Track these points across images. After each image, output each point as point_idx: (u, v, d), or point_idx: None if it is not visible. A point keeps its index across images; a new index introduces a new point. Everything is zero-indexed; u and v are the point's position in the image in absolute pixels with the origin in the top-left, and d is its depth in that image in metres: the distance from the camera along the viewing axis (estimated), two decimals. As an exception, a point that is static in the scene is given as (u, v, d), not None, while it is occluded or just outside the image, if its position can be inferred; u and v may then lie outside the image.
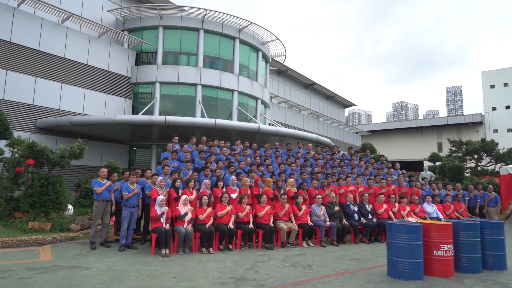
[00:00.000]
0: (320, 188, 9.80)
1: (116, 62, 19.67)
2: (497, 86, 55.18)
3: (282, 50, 26.30)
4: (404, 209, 10.04)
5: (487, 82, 56.13)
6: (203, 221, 7.57)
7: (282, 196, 8.53)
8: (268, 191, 8.82)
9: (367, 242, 8.99)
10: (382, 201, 9.80)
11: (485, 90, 56.32)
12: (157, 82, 20.09)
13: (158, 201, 7.33)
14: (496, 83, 55.21)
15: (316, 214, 8.82)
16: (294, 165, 10.64)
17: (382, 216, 9.54)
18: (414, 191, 10.79)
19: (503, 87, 54.84)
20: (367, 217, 9.31)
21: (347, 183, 10.30)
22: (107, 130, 16.73)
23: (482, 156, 24.18)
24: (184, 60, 20.78)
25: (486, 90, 56.12)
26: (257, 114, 23.24)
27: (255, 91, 22.93)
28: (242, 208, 8.09)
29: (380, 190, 10.38)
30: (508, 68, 55.14)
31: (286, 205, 8.51)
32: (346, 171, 11.33)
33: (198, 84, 20.40)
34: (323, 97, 42.60)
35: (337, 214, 9.03)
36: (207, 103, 20.65)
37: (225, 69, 21.54)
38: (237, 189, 8.64)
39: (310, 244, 8.41)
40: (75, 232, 8.49)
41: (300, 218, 8.58)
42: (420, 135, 58.12)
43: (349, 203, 9.39)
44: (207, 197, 7.80)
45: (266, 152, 11.40)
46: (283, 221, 8.40)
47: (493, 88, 55.39)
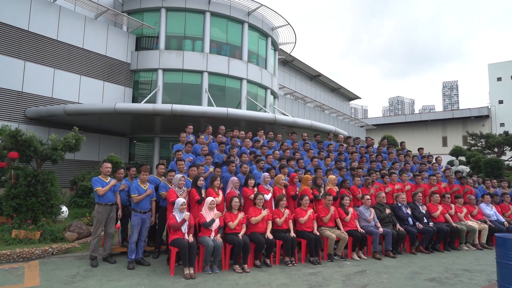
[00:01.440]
0: (363, 186, 8.25)
1: (115, 46, 17.89)
2: (504, 79, 53.83)
3: (291, 37, 24.61)
4: (460, 211, 8.51)
5: (493, 75, 54.74)
6: (234, 230, 5.98)
7: (327, 197, 6.94)
8: (307, 191, 7.23)
9: (425, 252, 7.45)
10: (437, 202, 8.26)
11: (491, 83, 54.96)
12: (160, 69, 18.37)
13: (177, 205, 5.72)
14: (503, 75, 53.85)
15: (365, 219, 7.25)
16: (329, 159, 9.05)
17: (438, 220, 8.01)
18: (467, 189, 9.27)
19: (510, 80, 53.49)
20: (422, 221, 7.77)
21: (392, 181, 8.75)
22: (106, 121, 15.02)
23: (505, 150, 22.75)
24: (189, 45, 19.05)
25: (492, 83, 54.76)
26: (266, 104, 21.61)
27: (264, 80, 21.27)
28: (279, 212, 6.49)
29: (430, 189, 8.85)
30: (515, 61, 53.76)
31: (331, 207, 6.93)
32: (387, 166, 9.77)
33: (205, 71, 18.71)
34: (328, 89, 41.00)
35: (389, 218, 7.47)
36: (214, 92, 18.96)
37: (233, 55, 19.83)
38: (270, 188, 7.05)
39: (362, 256, 6.85)
40: (70, 242, 6.85)
41: (348, 224, 7.01)
42: (425, 129, 56.79)
43: (401, 204, 7.83)
44: (237, 199, 6.19)
45: (294, 145, 9.79)
46: (328, 227, 6.83)
47: (500, 81, 54.04)
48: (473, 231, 8.01)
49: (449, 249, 7.75)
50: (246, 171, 7.46)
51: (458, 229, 7.83)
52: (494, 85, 54.59)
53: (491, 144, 22.17)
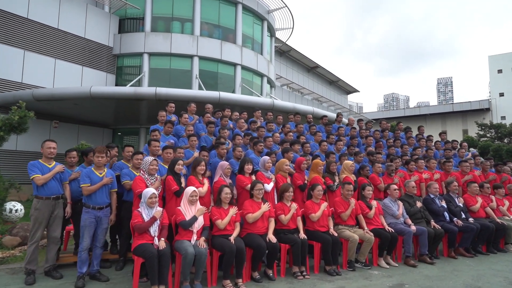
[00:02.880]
0: (384, 175, 6.70)
1: (95, 28, 16.15)
2: (504, 71, 52.65)
3: (288, 22, 23.00)
4: (502, 203, 6.99)
5: (494, 67, 53.56)
6: (224, 231, 4.39)
7: (346, 186, 5.37)
8: (319, 179, 5.66)
9: (467, 255, 5.90)
10: (475, 193, 6.72)
11: (492, 75, 53.78)
12: (145, 53, 16.67)
13: (145, 198, 4.13)
14: (504, 67, 52.66)
15: (392, 214, 5.69)
16: (340, 144, 7.47)
17: (478, 215, 6.48)
18: (505, 178, 7.75)
19: (511, 72, 52.33)
20: (460, 216, 6.23)
21: (419, 168, 7.20)
22: (83, 108, 13.33)
23: (516, 140, 21.34)
24: (177, 27, 17.36)
25: (493, 75, 53.58)
26: (263, 93, 20.00)
27: (260, 66, 19.65)
28: (285, 207, 4.91)
29: (462, 177, 7.32)
30: (516, 52, 52.59)
31: (352, 200, 5.36)
32: (408, 152, 8.22)
33: (195, 56, 17.03)
34: (326, 81, 39.50)
35: (421, 213, 5.92)
36: (206, 78, 17.30)
37: (226, 39, 18.17)
38: (272, 176, 5.47)
39: (392, 263, 5.28)
40: (9, 250, 5.21)
41: (372, 221, 5.44)
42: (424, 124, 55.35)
43: (433, 196, 6.27)
44: (229, 189, 4.60)
45: (299, 127, 8.21)
46: (347, 226, 5.26)
47: (501, 73, 52.86)
48: (524, 229, 6.50)
49: (495, 251, 6.22)
50: (240, 155, 5.86)
51: (505, 226, 6.31)
52: (495, 77, 53.40)
53: (503, 134, 20.75)
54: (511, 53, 52.96)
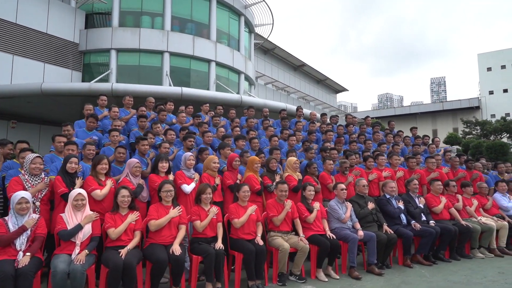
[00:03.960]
0: (339, 173, 5.97)
1: (59, 23, 15.32)
2: (494, 69, 52.39)
3: (268, 18, 22.30)
4: (470, 203, 6.29)
5: (483, 65, 53.29)
6: (116, 242, 3.63)
7: (280, 186, 4.63)
8: (253, 178, 4.92)
9: (425, 263, 5.18)
10: (439, 192, 6.01)
11: (481, 73, 53.52)
12: (113, 49, 15.89)
13: (13, 203, 3.36)
14: (493, 65, 52.40)
15: (338, 217, 4.96)
16: (293, 139, 6.73)
17: (442, 216, 5.78)
18: (476, 175, 7.06)
19: (500, 70, 52.10)
20: (420, 218, 5.53)
21: (379, 165, 6.49)
22: (42, 107, 12.51)
23: (502, 137, 20.81)
24: (147, 22, 16.59)
25: (482, 73, 53.32)
26: (240, 90, 19.26)
27: (237, 63, 18.92)
28: (202, 211, 4.16)
29: (429, 175, 6.62)
30: (505, 50, 52.39)
31: (287, 202, 4.62)
32: (372, 149, 7.52)
33: (165, 52, 16.28)
34: (313, 80, 38.86)
35: (373, 215, 5.19)
36: (177, 75, 16.55)
37: (199, 34, 17.44)
38: (195, 176, 4.72)
39: (333, 275, 4.55)
40: None
41: (312, 226, 4.71)
42: (414, 122, 54.99)
43: (389, 196, 5.56)
44: (126, 192, 3.83)
45: (250, 122, 7.47)
46: (281, 232, 4.51)
47: (490, 71, 52.60)
48: (490, 231, 5.79)
49: (458, 258, 5.51)
50: (166, 152, 5.12)
51: (470, 229, 5.60)
52: (484, 75, 53.15)
53: (488, 131, 20.19)
54: (500, 51, 52.73)
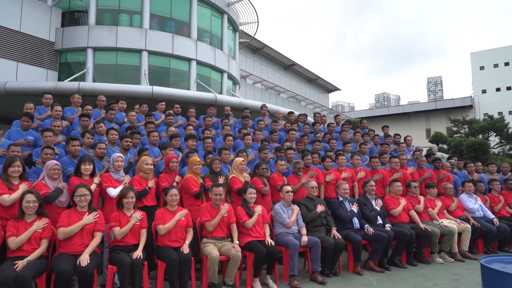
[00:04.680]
0: (293, 173, 5.66)
1: (33, 21, 14.93)
2: (486, 68, 52.26)
3: (252, 16, 21.99)
4: (433, 205, 5.99)
5: (476, 64, 53.14)
6: (18, 252, 3.30)
7: (215, 189, 4.30)
8: (191, 181, 4.60)
9: (377, 270, 4.87)
10: (398, 193, 5.70)
11: (474, 72, 53.36)
12: (89, 48, 15.50)
13: None
14: (485, 64, 52.27)
15: (282, 222, 4.64)
16: (248, 139, 6.40)
17: (400, 220, 5.47)
18: (443, 175, 6.76)
19: (493, 69, 51.96)
20: (375, 222, 5.22)
21: (339, 166, 6.18)
22: (4, 107, 12.11)
23: (490, 136, 20.58)
24: (125, 20, 16.23)
25: (475, 72, 53.16)
26: (223, 90, 18.92)
27: (219, 62, 18.58)
28: (123, 216, 3.83)
29: (392, 175, 6.31)
30: (498, 49, 52.31)
31: (223, 206, 4.29)
32: (336, 148, 7.20)
33: (143, 50, 15.92)
34: (304, 80, 38.59)
35: (321, 219, 4.88)
36: (156, 74, 16.22)
37: (179, 32, 17.09)
38: (124, 178, 4.39)
39: (270, 284, 4.22)
40: None
41: (251, 232, 4.38)
42: (408, 122, 54.92)
43: (343, 198, 5.24)
44: (32, 197, 3.50)
45: (207, 121, 7.13)
46: (214, 239, 4.19)
47: (483, 70, 52.46)
48: (450, 235, 5.49)
49: (415, 263, 5.20)
50: (102, 153, 4.78)
51: (428, 233, 5.29)
52: (477, 74, 53.00)
53: (475, 130, 19.95)
54: (493, 50, 52.61)
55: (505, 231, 6.00)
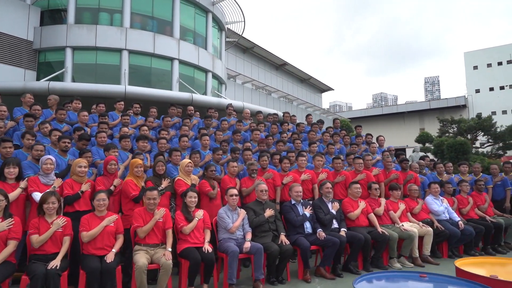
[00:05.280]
0: (248, 176, 5.42)
1: (10, 20, 14.64)
2: (480, 67, 52.22)
3: (239, 15, 21.75)
4: (395, 207, 5.76)
5: (470, 63, 53.10)
6: None
7: (148, 193, 4.05)
8: (129, 184, 4.36)
9: (327, 277, 4.63)
10: (357, 196, 5.47)
11: (467, 71, 53.32)
12: (68, 47, 15.21)
13: None
14: (479, 64, 52.22)
15: (225, 227, 4.40)
16: (206, 139, 6.14)
17: (358, 223, 5.24)
18: (410, 176, 6.54)
19: (487, 68, 51.94)
20: (329, 226, 4.99)
21: (299, 167, 5.95)
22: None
23: (477, 135, 20.41)
24: (105, 19, 15.94)
25: (469, 71, 53.13)
26: (207, 90, 18.66)
27: (203, 61, 18.32)
28: (44, 223, 3.59)
29: (355, 177, 6.08)
30: (491, 48, 52.29)
31: (158, 211, 4.05)
32: (301, 148, 6.97)
33: (124, 50, 15.64)
34: (297, 79, 38.39)
35: (270, 224, 4.64)
36: (137, 74, 15.95)
37: (161, 31, 16.82)
38: (55, 182, 4.14)
39: (206, 294, 3.99)
40: None
41: (189, 238, 4.13)
42: (402, 121, 54.89)
43: (295, 201, 5.00)
44: None
45: (166, 121, 6.84)
46: (147, 246, 3.94)
47: (476, 69, 52.42)
48: (410, 239, 5.26)
49: (371, 269, 4.97)
50: (38, 155, 4.53)
51: (385, 237, 5.06)
52: (471, 74, 52.96)
53: (463, 130, 19.77)
54: (486, 50, 52.57)
55: (470, 234, 5.78)
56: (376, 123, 54.27)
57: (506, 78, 49.95)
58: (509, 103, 48.55)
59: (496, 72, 50.85)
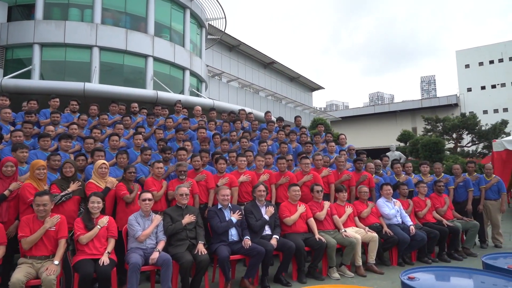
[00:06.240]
0: (175, 178, 4.97)
1: (-26, 16, 14.14)
2: (472, 66, 52.00)
3: (219, 12, 21.27)
4: (341, 211, 5.33)
5: (461, 62, 52.86)
6: None
7: (38, 198, 3.59)
8: (26, 188, 3.90)
9: (253, 290, 4.20)
10: (296, 199, 5.04)
11: (459, 70, 53.08)
12: (36, 44, 14.70)
13: None
14: (471, 62, 52.00)
15: (133, 235, 3.96)
16: (138, 138, 5.66)
17: (295, 229, 4.81)
18: (364, 177, 6.11)
19: (478, 67, 51.72)
20: (260, 233, 4.56)
21: (239, 168, 5.50)
22: None
23: (463, 134, 20.06)
24: (75, 15, 15.43)
25: (460, 70, 52.88)
26: (184, 88, 18.19)
27: (180, 58, 17.82)
28: None
29: (301, 178, 5.64)
30: (483, 47, 52.07)
31: (48, 219, 3.60)
32: (251, 148, 6.52)
33: (94, 46, 15.12)
34: (286, 78, 37.97)
35: (188, 232, 4.19)
36: (109, 71, 15.46)
37: (135, 28, 16.33)
38: None
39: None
40: None
41: (86, 249, 3.69)
42: (394, 120, 54.57)
43: (222, 206, 4.56)
44: None
45: (102, 119, 6.37)
46: (33, 258, 3.49)
47: (468, 68, 52.19)
48: (351, 246, 4.83)
49: (304, 280, 4.53)
50: None
51: (322, 245, 4.63)
52: (463, 72, 52.72)
53: (447, 128, 19.41)
54: (478, 48, 52.34)
55: (421, 240, 5.36)
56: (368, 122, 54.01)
57: (498, 77, 49.79)
58: (500, 102, 48.40)
59: (488, 71, 50.65)
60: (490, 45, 51.63)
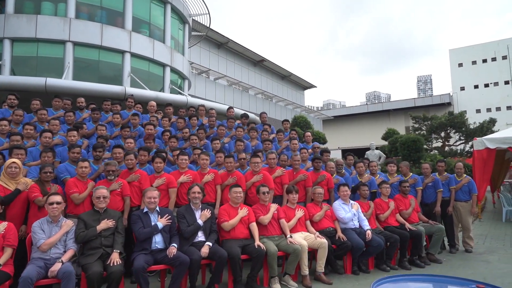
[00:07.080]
0: (105, 178, 4.50)
1: None
2: (465, 65, 51.73)
3: (202, 7, 20.77)
4: (290, 215, 4.88)
5: (454, 61, 52.58)
6: None
7: None
8: None
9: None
10: (237, 202, 4.58)
11: (453, 69, 52.80)
12: (6, 39, 14.15)
13: None
14: (464, 61, 51.74)
15: (35, 244, 3.49)
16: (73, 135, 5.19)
17: (235, 235, 4.35)
18: (322, 177, 5.66)
19: (471, 66, 51.46)
20: (191, 239, 4.10)
21: (180, 167, 5.04)
22: None
23: (450, 133, 19.68)
24: (48, 9, 14.88)
25: (454, 69, 52.60)
26: (165, 85, 17.68)
27: (159, 54, 17.30)
28: None
29: (250, 178, 5.18)
30: (476, 45, 51.79)
31: None
32: (201, 145, 6.06)
33: (68, 42, 14.58)
34: (277, 76, 37.52)
35: (103, 239, 3.72)
36: (84, 67, 14.94)
37: (112, 23, 15.79)
38: None
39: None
40: None
41: None
42: (388, 119, 54.25)
43: (148, 209, 4.09)
44: None
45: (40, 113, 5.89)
46: None
47: (461, 67, 51.92)
48: (295, 253, 4.37)
49: (239, 292, 4.08)
50: None
51: (261, 252, 4.17)
52: (456, 71, 52.44)
53: (434, 127, 19.02)
54: (471, 47, 52.05)
55: (378, 246, 4.92)
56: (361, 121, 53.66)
57: (491, 76, 49.55)
58: (493, 101, 48.18)
59: (481, 70, 50.42)
60: (484, 44, 51.38)
